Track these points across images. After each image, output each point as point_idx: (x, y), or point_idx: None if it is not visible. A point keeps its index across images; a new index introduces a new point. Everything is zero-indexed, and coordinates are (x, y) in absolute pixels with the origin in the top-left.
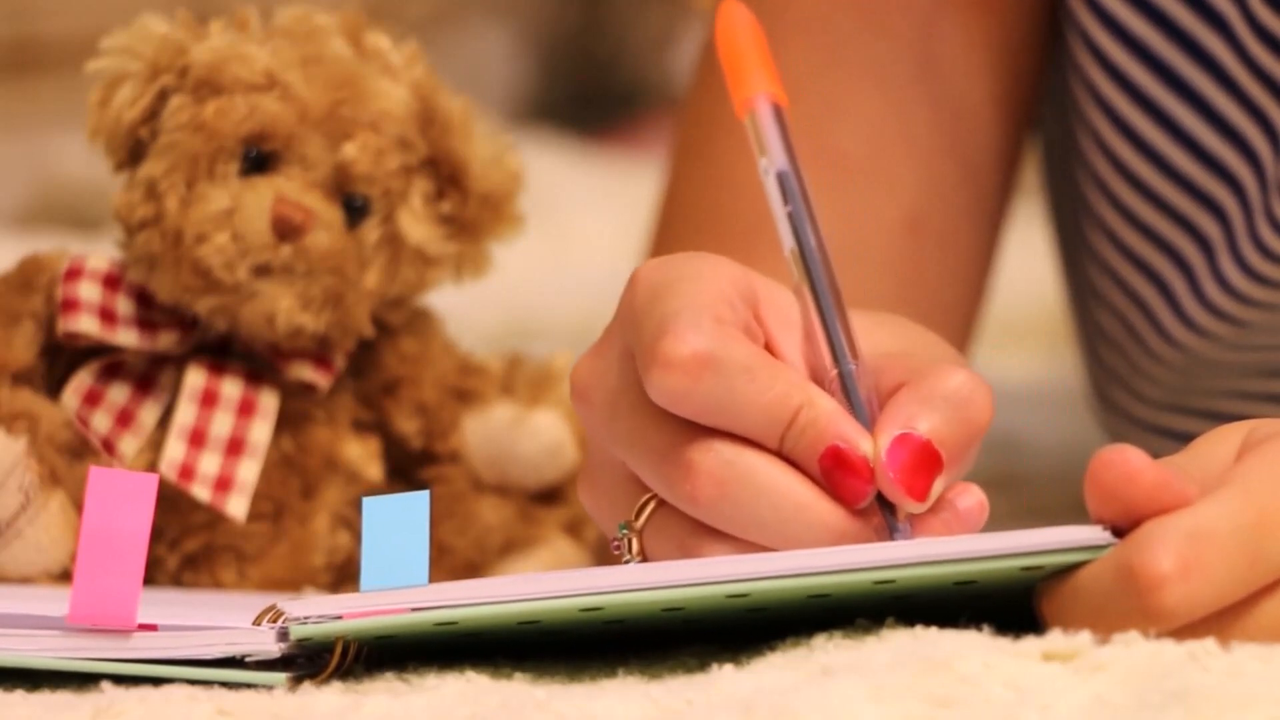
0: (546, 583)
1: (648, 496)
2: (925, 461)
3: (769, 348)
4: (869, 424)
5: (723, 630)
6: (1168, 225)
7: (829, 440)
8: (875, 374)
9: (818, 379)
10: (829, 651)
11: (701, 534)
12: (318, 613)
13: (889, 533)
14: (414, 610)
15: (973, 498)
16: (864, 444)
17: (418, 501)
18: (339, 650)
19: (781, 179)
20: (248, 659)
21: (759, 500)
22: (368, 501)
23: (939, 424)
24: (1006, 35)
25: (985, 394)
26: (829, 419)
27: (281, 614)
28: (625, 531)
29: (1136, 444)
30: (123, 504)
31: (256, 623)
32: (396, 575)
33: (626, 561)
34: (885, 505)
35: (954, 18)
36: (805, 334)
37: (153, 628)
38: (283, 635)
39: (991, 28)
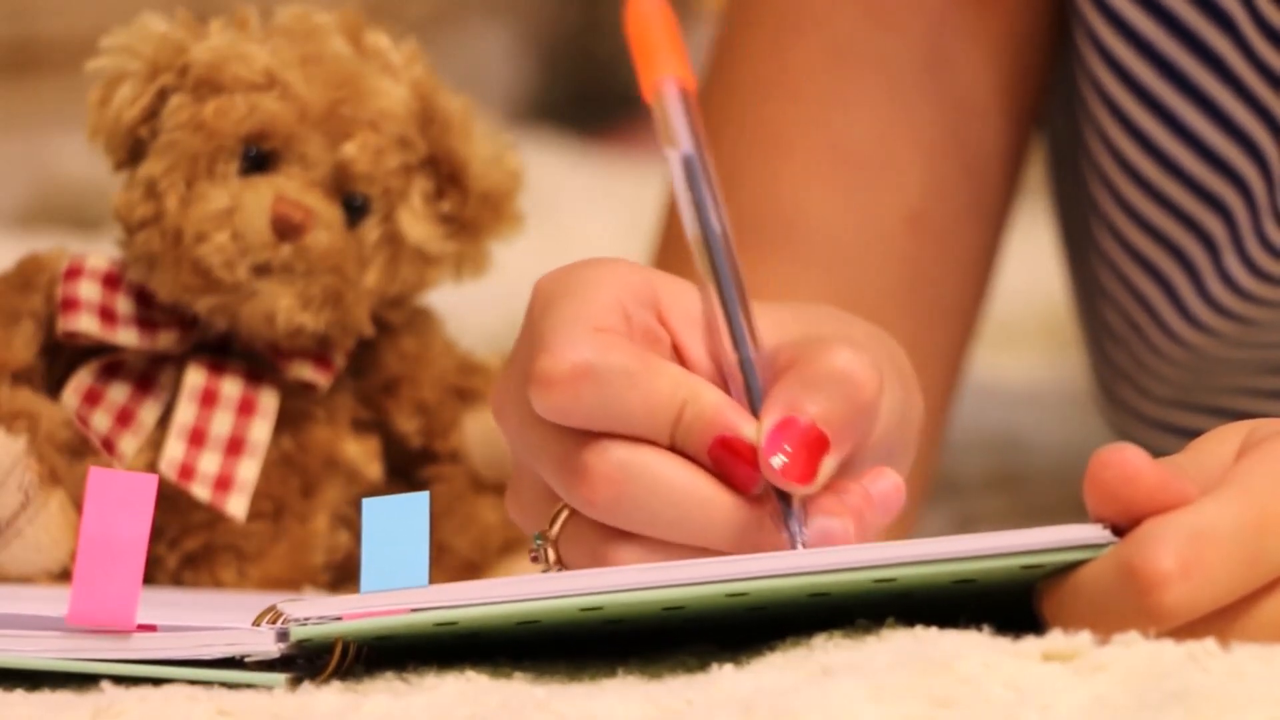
0: (546, 583)
1: (561, 505)
2: (808, 443)
3: (675, 347)
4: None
5: (723, 629)
6: (1172, 223)
7: (716, 431)
8: (771, 360)
9: (724, 372)
10: (829, 651)
11: (611, 538)
12: (318, 614)
13: (782, 519)
14: (414, 611)
15: (888, 480)
16: (750, 430)
17: (417, 503)
18: (338, 651)
19: (687, 163)
20: (247, 660)
21: (656, 497)
22: (367, 503)
23: (823, 404)
24: (1014, 33)
25: (869, 371)
26: (715, 410)
27: (281, 615)
28: (540, 541)
29: (1142, 440)
30: (122, 505)
31: (256, 624)
32: (396, 576)
33: (544, 571)
34: (779, 490)
35: (962, 15)
36: (707, 325)
37: (152, 628)
38: (282, 636)
39: (999, 25)
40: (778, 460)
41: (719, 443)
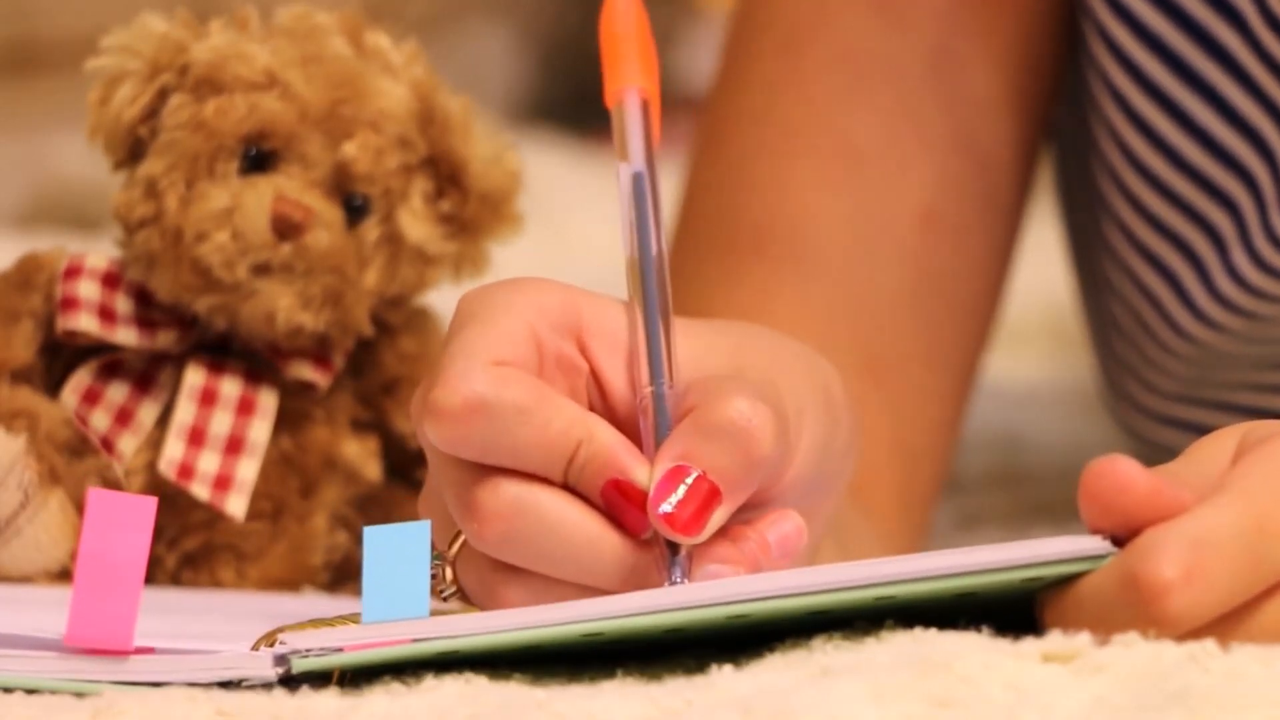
0: (547, 613)
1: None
2: (698, 494)
3: (595, 375)
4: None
5: (722, 636)
6: (1179, 218)
7: (609, 473)
8: (682, 397)
9: (638, 404)
10: (829, 652)
11: (500, 570)
12: (319, 645)
13: (666, 566)
14: (415, 641)
15: (789, 523)
16: (642, 475)
17: (418, 532)
18: (337, 674)
19: (635, 181)
20: (244, 683)
21: (547, 536)
22: (368, 531)
23: (715, 455)
24: (1023, 30)
25: (765, 422)
26: (609, 451)
27: (279, 639)
28: (438, 561)
29: (1148, 435)
30: (121, 526)
31: (254, 649)
32: (397, 606)
33: (441, 591)
34: (666, 538)
35: (971, 14)
36: (632, 351)
37: (149, 650)
38: (280, 660)
39: (1008, 23)
40: (665, 509)
41: (611, 485)
